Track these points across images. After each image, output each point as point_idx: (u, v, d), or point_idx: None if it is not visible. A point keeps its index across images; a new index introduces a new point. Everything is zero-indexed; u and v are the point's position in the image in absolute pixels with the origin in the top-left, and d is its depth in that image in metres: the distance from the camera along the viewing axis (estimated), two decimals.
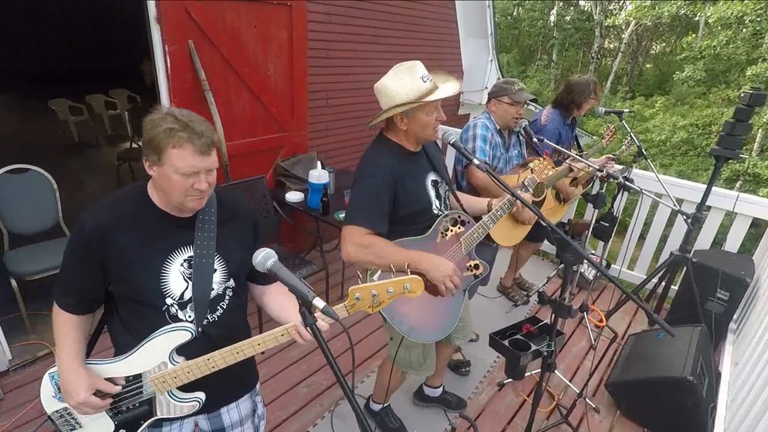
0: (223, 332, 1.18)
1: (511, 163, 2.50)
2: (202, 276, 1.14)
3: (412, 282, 1.06)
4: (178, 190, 1.05)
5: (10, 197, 2.65)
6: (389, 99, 1.50)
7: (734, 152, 2.45)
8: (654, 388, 2.20)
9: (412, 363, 1.85)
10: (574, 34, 18.85)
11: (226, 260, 1.19)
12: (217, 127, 2.72)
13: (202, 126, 1.04)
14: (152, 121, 1.02)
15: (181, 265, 1.13)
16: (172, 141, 1.00)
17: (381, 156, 1.59)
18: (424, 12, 4.42)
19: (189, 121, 1.01)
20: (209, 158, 1.05)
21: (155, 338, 1.11)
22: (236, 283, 1.23)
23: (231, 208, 1.23)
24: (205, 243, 1.15)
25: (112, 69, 7.82)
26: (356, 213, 1.54)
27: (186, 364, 1.12)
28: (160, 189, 1.09)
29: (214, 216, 1.18)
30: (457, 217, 1.70)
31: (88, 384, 1.10)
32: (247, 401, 1.39)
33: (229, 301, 1.21)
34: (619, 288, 1.38)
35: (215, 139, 1.07)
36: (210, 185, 1.08)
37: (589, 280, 3.42)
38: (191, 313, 1.14)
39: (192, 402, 1.20)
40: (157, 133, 1.01)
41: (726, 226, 3.12)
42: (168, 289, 1.11)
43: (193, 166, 1.02)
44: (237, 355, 1.11)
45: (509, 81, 2.35)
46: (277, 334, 1.10)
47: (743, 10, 11.69)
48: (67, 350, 1.12)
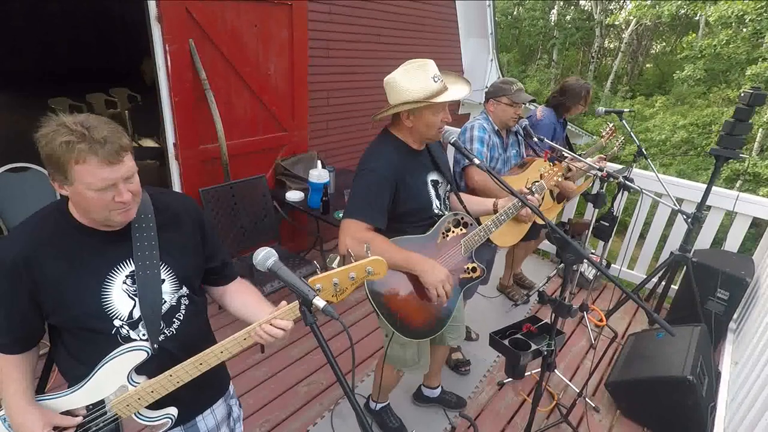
0: (182, 344, 1.11)
1: (510, 163, 2.50)
2: (148, 290, 1.05)
3: (373, 264, 1.00)
4: (99, 207, 0.94)
5: (10, 196, 2.65)
6: (398, 95, 1.49)
7: (734, 152, 2.45)
8: (654, 387, 2.21)
9: (406, 361, 1.85)
10: (575, 34, 18.85)
11: (173, 268, 1.10)
12: (217, 126, 2.73)
13: (104, 131, 0.89)
14: (45, 136, 0.89)
15: (124, 283, 1.04)
16: (73, 156, 0.87)
17: (384, 151, 1.59)
18: (424, 11, 4.42)
19: (86, 129, 0.88)
20: (123, 166, 0.92)
21: (108, 363, 1.03)
22: (190, 289, 1.14)
23: (170, 211, 1.13)
24: (146, 254, 1.06)
25: (112, 69, 7.81)
26: (356, 207, 1.54)
27: (148, 383, 1.06)
28: (80, 207, 0.98)
29: (152, 222, 1.07)
30: (459, 218, 1.70)
31: (43, 422, 1.01)
32: (222, 405, 1.34)
33: (185, 310, 1.13)
34: (619, 287, 1.38)
35: (124, 142, 0.93)
36: (134, 193, 0.97)
37: (589, 280, 3.42)
38: (144, 331, 1.06)
39: (163, 420, 1.14)
40: (53, 150, 0.88)
41: (726, 226, 3.12)
42: (113, 310, 1.03)
43: (105, 180, 0.90)
44: (201, 367, 1.05)
45: (508, 81, 2.34)
46: (240, 338, 1.04)
47: (744, 9, 11.68)
48: (12, 391, 1.03)
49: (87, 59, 8.30)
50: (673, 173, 11.75)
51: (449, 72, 1.59)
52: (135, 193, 0.98)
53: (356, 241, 1.49)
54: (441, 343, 2.02)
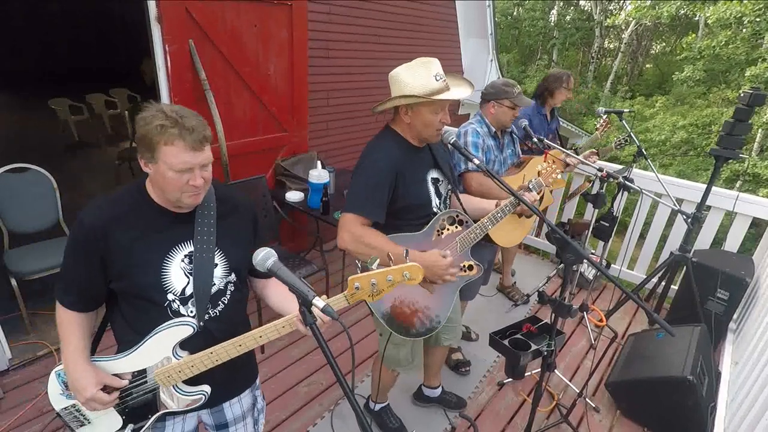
0: (224, 327, 1.18)
1: (506, 164, 2.49)
2: (202, 271, 1.14)
3: (411, 269, 1.05)
4: (174, 187, 1.04)
5: (10, 196, 2.65)
6: (398, 88, 1.50)
7: (734, 152, 2.45)
8: (654, 387, 2.21)
9: (400, 361, 1.85)
10: (575, 34, 18.85)
11: (226, 255, 1.19)
12: (217, 127, 2.73)
13: (194, 121, 1.02)
14: (144, 118, 1.01)
15: (182, 261, 1.13)
16: (164, 138, 0.99)
17: (384, 146, 1.59)
18: (424, 12, 4.42)
19: (179, 117, 1.00)
20: (202, 153, 1.04)
21: (158, 334, 1.11)
22: (237, 277, 1.23)
23: (230, 203, 1.23)
24: (205, 238, 1.15)
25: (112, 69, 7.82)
26: (355, 201, 1.54)
27: (189, 358, 1.13)
28: (157, 186, 1.09)
29: (213, 211, 1.18)
30: (455, 216, 1.69)
31: (96, 380, 1.11)
32: (248, 395, 1.39)
33: (230, 296, 1.21)
34: (619, 288, 1.38)
35: (208, 133, 1.05)
36: (206, 180, 1.08)
37: (589, 280, 3.42)
38: (193, 308, 1.14)
39: (197, 395, 1.20)
40: (148, 131, 1.00)
41: (726, 226, 3.12)
42: (169, 284, 1.11)
43: (186, 162, 1.02)
44: (239, 348, 1.12)
45: (509, 83, 2.32)
46: (279, 325, 1.10)
47: (742, 10, 11.69)
48: (72, 347, 1.13)
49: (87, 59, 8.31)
50: (672, 173, 11.75)
51: (455, 75, 1.60)
52: (207, 180, 1.08)
53: (353, 236, 1.49)
54: (437, 344, 2.02)
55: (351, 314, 3.05)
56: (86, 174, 5.40)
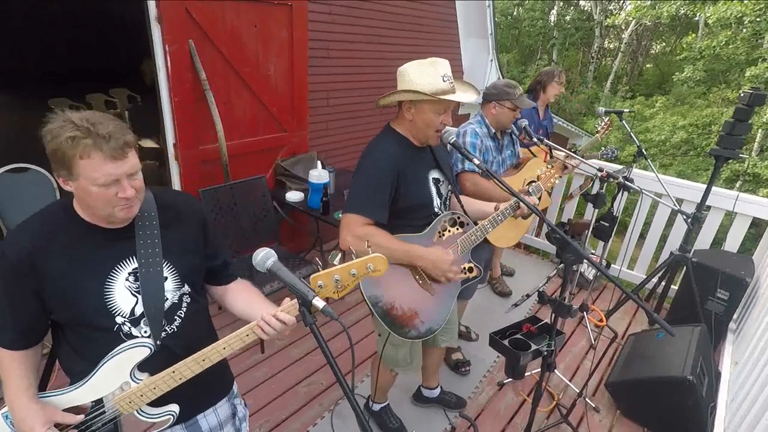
0: (184, 342, 1.11)
1: (505, 165, 2.49)
2: (151, 287, 1.06)
3: (374, 261, 1.01)
4: (102, 203, 0.95)
5: (10, 196, 2.65)
6: (405, 84, 1.50)
7: (734, 152, 2.45)
8: (654, 387, 2.21)
9: (398, 361, 1.85)
10: (574, 34, 18.84)
11: (175, 266, 1.11)
12: (217, 127, 2.73)
13: (110, 126, 0.91)
14: (50, 131, 0.90)
15: (127, 280, 1.05)
16: (78, 151, 0.89)
17: (385, 145, 1.58)
18: (424, 12, 4.42)
19: (91, 125, 0.89)
20: (126, 162, 0.94)
21: (112, 359, 1.04)
22: (192, 288, 1.16)
23: (173, 209, 1.14)
24: (149, 251, 1.06)
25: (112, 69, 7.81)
26: (357, 202, 1.53)
27: (150, 380, 1.06)
28: (83, 203, 0.99)
29: (155, 220, 1.09)
30: (456, 217, 1.69)
31: (44, 419, 1.02)
32: (225, 405, 1.33)
33: (186, 308, 1.14)
34: (619, 288, 1.38)
35: (129, 138, 0.94)
36: (137, 189, 0.98)
37: (589, 280, 3.42)
38: (146, 328, 1.07)
39: (165, 416, 1.14)
40: (59, 145, 0.89)
41: (726, 226, 3.12)
42: (116, 307, 1.04)
43: (110, 174, 0.92)
44: (203, 363, 1.06)
45: (511, 85, 2.32)
46: (242, 334, 1.05)
47: (743, 10, 11.69)
48: (14, 387, 1.04)
49: (87, 59, 8.30)
50: (672, 174, 11.75)
51: (463, 80, 1.61)
52: (138, 190, 0.99)
53: (357, 237, 1.49)
54: (434, 345, 2.02)
55: (351, 314, 3.05)
56: None
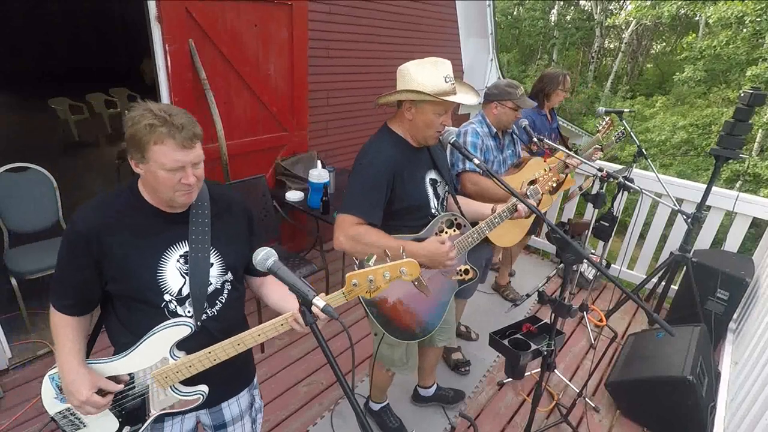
0: (222, 326, 1.18)
1: (506, 165, 2.49)
2: (198, 271, 1.13)
3: (408, 265, 1.05)
4: (166, 186, 1.04)
5: (10, 196, 2.65)
6: (406, 83, 1.49)
7: (734, 152, 2.45)
8: (654, 387, 2.21)
9: (394, 361, 1.85)
10: (575, 34, 18.84)
11: (222, 254, 1.19)
12: (217, 126, 2.73)
13: (183, 118, 1.01)
14: (132, 118, 1.00)
15: (178, 261, 1.12)
16: (153, 137, 0.98)
17: (382, 146, 1.57)
18: (424, 12, 4.42)
19: (168, 115, 0.99)
20: (193, 151, 1.03)
21: (155, 334, 1.10)
22: (234, 276, 1.22)
23: (224, 202, 1.23)
24: (200, 237, 1.14)
25: (112, 69, 7.83)
26: (352, 202, 1.52)
27: (187, 358, 1.12)
28: (149, 186, 1.08)
29: (207, 210, 1.17)
30: (453, 219, 1.68)
31: (90, 383, 1.09)
32: (246, 395, 1.39)
33: (227, 294, 1.21)
34: (619, 288, 1.38)
35: (198, 131, 1.04)
36: (198, 178, 1.07)
37: (589, 280, 3.42)
38: (190, 308, 1.14)
39: (195, 395, 1.20)
40: (137, 130, 0.99)
41: (726, 226, 3.12)
42: (165, 285, 1.11)
43: (177, 161, 1.01)
44: (238, 347, 1.12)
45: (513, 84, 2.31)
46: (277, 324, 1.10)
47: (743, 10, 11.69)
48: (66, 351, 1.11)
49: (87, 59, 8.32)
50: (673, 174, 11.75)
51: (463, 81, 1.60)
52: (199, 178, 1.08)
53: (349, 236, 1.48)
54: (431, 345, 2.02)
55: (351, 314, 3.05)
56: (86, 173, 5.40)
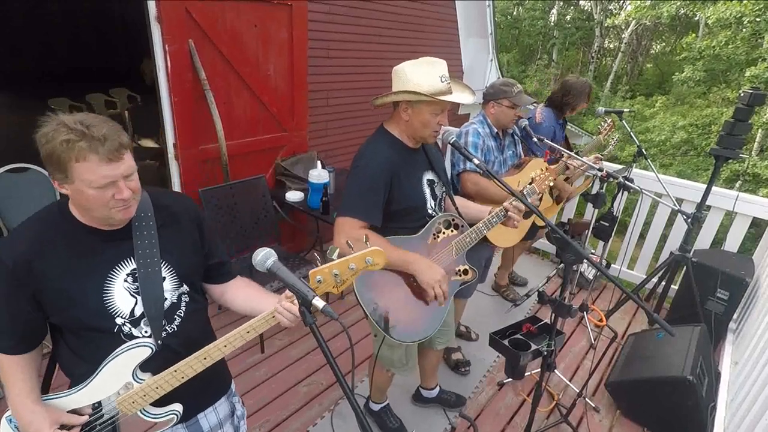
0: (184, 341, 1.12)
1: (506, 165, 2.49)
2: (150, 287, 1.07)
3: (373, 254, 1.00)
4: (99, 204, 0.95)
5: (10, 196, 2.64)
6: (402, 84, 1.48)
7: (734, 152, 2.45)
8: (654, 387, 2.21)
9: (394, 362, 1.85)
10: (575, 34, 18.85)
11: (174, 266, 1.12)
12: (217, 126, 2.73)
13: (104, 129, 0.91)
14: (45, 135, 0.90)
15: (125, 281, 1.05)
16: (73, 154, 0.88)
17: (378, 148, 1.57)
18: (424, 12, 4.42)
19: (85, 128, 0.89)
20: (122, 163, 0.94)
21: (112, 360, 1.04)
22: (190, 287, 1.16)
23: (170, 210, 1.14)
24: (147, 251, 1.07)
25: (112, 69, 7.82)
26: (350, 204, 1.52)
27: (153, 380, 1.07)
28: (80, 206, 0.99)
29: (152, 221, 1.09)
30: (451, 219, 1.68)
31: (50, 420, 1.02)
32: (225, 403, 1.35)
33: (185, 307, 1.14)
34: (619, 288, 1.38)
35: (124, 139, 0.94)
36: (133, 191, 0.98)
37: (589, 280, 3.42)
38: (147, 328, 1.07)
39: (169, 416, 1.15)
40: (54, 148, 0.89)
41: (726, 226, 3.12)
42: (114, 308, 1.04)
43: (106, 177, 0.92)
44: (205, 361, 1.06)
45: (508, 83, 2.31)
46: (242, 331, 1.05)
47: (742, 10, 11.70)
48: (17, 391, 1.04)
49: (87, 59, 8.30)
50: (673, 174, 11.74)
51: (459, 80, 1.60)
52: (135, 191, 0.99)
53: (351, 239, 1.48)
54: (430, 348, 2.02)
55: (351, 314, 3.05)
56: None
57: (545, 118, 2.84)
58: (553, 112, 2.88)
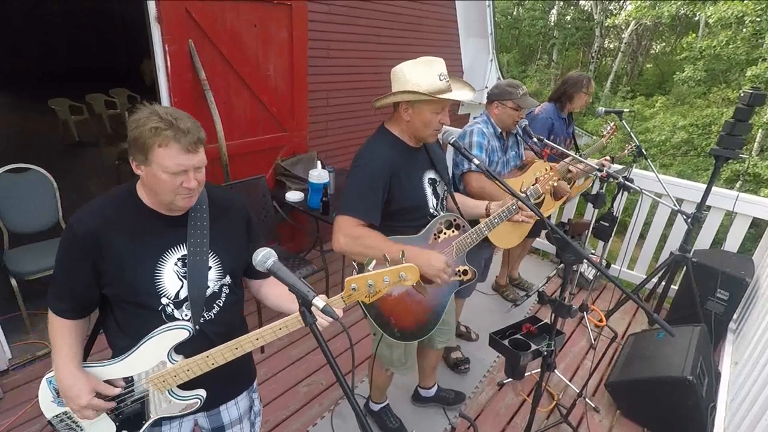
0: (220, 329, 1.18)
1: (509, 166, 2.49)
2: (196, 274, 1.13)
3: (407, 270, 1.04)
4: (167, 189, 1.03)
5: (10, 196, 2.64)
6: (401, 84, 1.49)
7: (734, 152, 2.45)
8: (654, 387, 2.21)
9: (393, 361, 1.85)
10: (575, 34, 18.86)
11: (220, 257, 1.18)
12: (216, 127, 2.73)
13: (188, 123, 1.01)
14: (136, 120, 1.00)
15: (175, 264, 1.12)
16: (158, 140, 0.98)
17: (378, 147, 1.57)
18: (424, 12, 4.42)
19: (174, 119, 0.99)
20: (197, 156, 1.03)
21: (153, 338, 1.10)
22: (232, 280, 1.22)
23: (222, 205, 1.22)
24: (198, 241, 1.14)
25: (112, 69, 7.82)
26: (349, 203, 1.52)
27: (185, 362, 1.12)
28: (149, 188, 1.07)
29: (206, 213, 1.16)
30: (452, 220, 1.68)
31: (89, 387, 1.09)
32: (245, 398, 1.38)
33: (225, 298, 1.20)
34: (619, 288, 1.37)
35: (202, 135, 1.04)
36: (199, 183, 1.07)
37: (589, 280, 3.42)
38: (188, 312, 1.13)
39: (193, 399, 1.20)
40: (142, 133, 0.98)
41: (726, 226, 3.12)
42: (163, 288, 1.10)
43: (181, 165, 1.01)
44: (236, 351, 1.11)
45: (513, 84, 2.31)
46: (276, 327, 1.09)
47: (743, 10, 11.69)
48: (63, 354, 1.11)
49: (87, 59, 8.31)
50: (673, 174, 11.74)
51: (458, 78, 1.59)
52: (200, 182, 1.07)
53: (349, 238, 1.48)
54: (430, 347, 2.02)
55: (351, 314, 3.05)
56: (86, 174, 5.39)
57: (543, 110, 2.87)
58: (555, 107, 2.89)
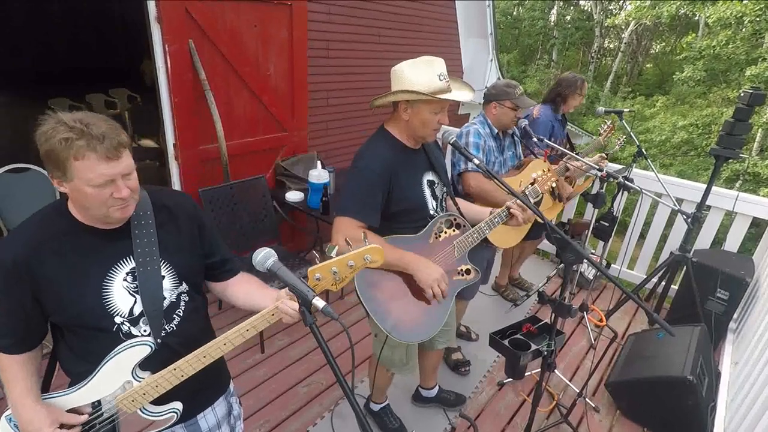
0: (183, 340, 1.12)
1: (506, 166, 2.49)
2: (149, 286, 1.06)
3: (371, 251, 1.00)
4: (97, 203, 0.94)
5: (10, 197, 2.65)
6: (401, 83, 1.48)
7: (734, 152, 2.45)
8: (654, 387, 2.21)
9: (394, 362, 1.85)
10: (575, 34, 18.87)
11: (173, 265, 1.11)
12: (216, 127, 2.73)
13: (103, 127, 0.91)
14: (44, 134, 0.90)
15: (124, 280, 1.05)
16: (72, 152, 0.88)
17: (378, 149, 1.57)
18: (424, 12, 4.42)
19: (84, 126, 0.89)
20: (121, 162, 0.93)
21: (112, 359, 1.04)
22: (189, 286, 1.15)
23: (168, 209, 1.14)
24: (146, 251, 1.06)
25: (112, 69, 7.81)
26: (349, 205, 1.52)
27: (152, 378, 1.06)
28: (78, 204, 0.99)
29: (151, 219, 1.08)
30: (452, 219, 1.68)
31: (50, 419, 1.02)
32: (222, 403, 1.34)
33: (185, 306, 1.14)
34: (619, 288, 1.38)
35: (123, 138, 0.94)
36: (132, 190, 0.98)
37: (589, 280, 3.41)
38: (146, 327, 1.07)
39: (168, 414, 1.15)
40: (53, 146, 0.88)
41: (726, 226, 3.12)
42: (114, 307, 1.03)
43: (104, 175, 0.91)
44: (204, 360, 1.06)
45: (511, 84, 2.31)
46: (242, 330, 1.05)
47: (743, 10, 11.70)
48: (18, 390, 1.04)
49: (87, 59, 8.30)
50: (673, 174, 11.75)
51: (457, 78, 1.59)
52: (133, 190, 0.99)
53: (350, 239, 1.48)
54: (431, 348, 2.02)
55: (351, 314, 3.05)
56: None
57: (542, 113, 2.87)
58: (550, 108, 2.90)
